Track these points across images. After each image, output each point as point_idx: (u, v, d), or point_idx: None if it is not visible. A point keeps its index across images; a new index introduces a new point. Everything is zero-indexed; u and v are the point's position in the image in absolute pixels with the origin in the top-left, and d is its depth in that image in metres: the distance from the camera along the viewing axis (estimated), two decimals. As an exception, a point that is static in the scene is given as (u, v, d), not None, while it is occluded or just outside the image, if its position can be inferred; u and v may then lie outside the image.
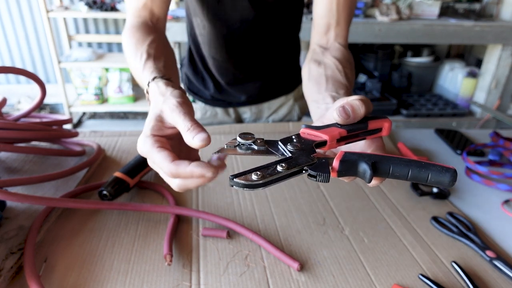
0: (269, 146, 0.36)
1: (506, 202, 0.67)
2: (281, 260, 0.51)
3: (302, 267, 0.51)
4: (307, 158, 0.34)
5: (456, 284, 0.49)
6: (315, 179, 0.33)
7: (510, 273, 0.50)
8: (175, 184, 0.40)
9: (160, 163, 0.38)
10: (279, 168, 0.32)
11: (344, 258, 0.53)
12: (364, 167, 0.33)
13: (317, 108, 0.50)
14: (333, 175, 0.34)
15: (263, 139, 0.37)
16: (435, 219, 0.60)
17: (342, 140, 0.38)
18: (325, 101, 0.49)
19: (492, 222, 0.62)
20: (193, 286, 0.47)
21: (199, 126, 0.38)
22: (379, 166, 0.33)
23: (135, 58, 0.56)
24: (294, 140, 0.36)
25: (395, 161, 0.33)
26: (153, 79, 0.49)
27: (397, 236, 0.57)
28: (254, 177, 0.31)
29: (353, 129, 0.38)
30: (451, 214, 0.62)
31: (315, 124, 0.43)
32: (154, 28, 0.65)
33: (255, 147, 0.36)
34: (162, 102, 0.43)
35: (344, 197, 0.66)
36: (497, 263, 0.51)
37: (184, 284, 0.48)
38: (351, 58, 0.61)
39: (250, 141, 0.35)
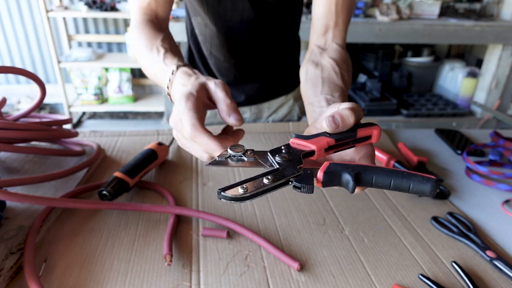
0: (258, 157, 0.38)
1: (506, 202, 0.67)
2: (281, 260, 0.51)
3: (302, 267, 0.51)
4: (293, 170, 0.35)
5: (456, 284, 0.49)
6: (299, 190, 0.34)
7: (510, 273, 0.50)
8: (197, 147, 0.45)
9: (187, 126, 0.42)
10: (265, 180, 0.34)
11: (344, 258, 0.53)
12: (347, 177, 0.34)
13: (312, 111, 0.51)
14: (318, 185, 0.35)
15: (253, 150, 0.38)
16: (435, 219, 0.60)
17: (331, 149, 0.39)
18: (320, 104, 0.50)
19: (492, 222, 0.62)
20: (193, 286, 0.47)
21: (237, 107, 0.44)
22: (362, 176, 0.35)
23: (150, 52, 0.58)
24: (283, 151, 0.38)
25: (378, 172, 0.35)
26: (184, 65, 0.53)
27: (397, 236, 0.57)
28: (240, 190, 0.33)
29: (342, 138, 0.39)
30: (451, 214, 0.62)
31: (309, 128, 0.43)
32: (160, 27, 0.66)
33: (245, 159, 0.37)
34: (206, 78, 0.48)
35: (344, 197, 0.66)
36: (497, 263, 0.51)
37: (184, 284, 0.48)
38: (349, 59, 0.62)
39: (240, 152, 0.37)
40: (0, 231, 0.53)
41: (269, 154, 0.38)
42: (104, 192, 0.59)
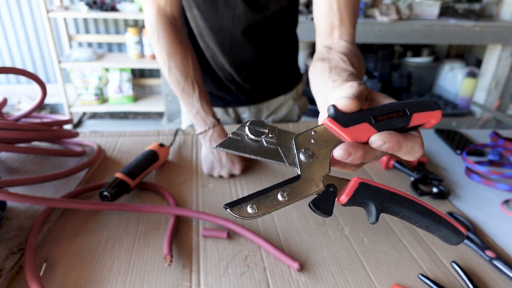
0: (280, 143, 0.31)
1: (506, 202, 0.67)
2: (281, 260, 0.51)
3: (302, 267, 0.51)
4: (315, 183, 0.30)
5: (456, 284, 0.49)
6: (315, 212, 0.31)
7: (510, 273, 0.50)
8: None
9: None
10: (280, 197, 0.30)
11: (344, 258, 0.53)
12: (372, 209, 0.31)
13: (321, 98, 0.47)
14: (339, 202, 0.32)
15: (276, 130, 0.32)
16: (435, 219, 0.60)
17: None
18: (326, 86, 0.45)
19: (492, 222, 0.62)
20: (193, 286, 0.47)
21: None
22: (389, 209, 0.31)
23: (185, 81, 0.70)
24: (312, 141, 0.32)
25: (408, 208, 0.31)
26: (218, 123, 0.71)
27: (397, 236, 0.57)
28: (250, 210, 0.29)
29: (389, 128, 0.32)
30: (451, 214, 0.62)
31: (322, 116, 0.40)
32: (180, 32, 0.71)
33: (264, 143, 0.31)
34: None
35: (344, 197, 0.66)
36: (497, 263, 0.52)
37: (184, 284, 0.48)
38: (359, 53, 0.58)
39: (261, 136, 0.31)
40: (1, 231, 0.53)
41: (293, 143, 0.31)
42: (105, 193, 0.59)
